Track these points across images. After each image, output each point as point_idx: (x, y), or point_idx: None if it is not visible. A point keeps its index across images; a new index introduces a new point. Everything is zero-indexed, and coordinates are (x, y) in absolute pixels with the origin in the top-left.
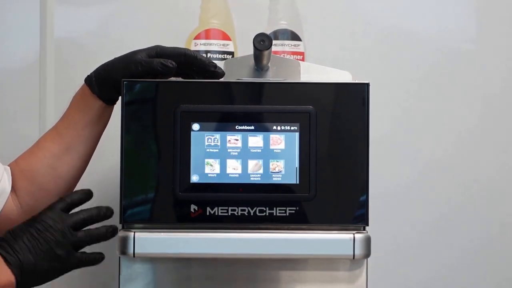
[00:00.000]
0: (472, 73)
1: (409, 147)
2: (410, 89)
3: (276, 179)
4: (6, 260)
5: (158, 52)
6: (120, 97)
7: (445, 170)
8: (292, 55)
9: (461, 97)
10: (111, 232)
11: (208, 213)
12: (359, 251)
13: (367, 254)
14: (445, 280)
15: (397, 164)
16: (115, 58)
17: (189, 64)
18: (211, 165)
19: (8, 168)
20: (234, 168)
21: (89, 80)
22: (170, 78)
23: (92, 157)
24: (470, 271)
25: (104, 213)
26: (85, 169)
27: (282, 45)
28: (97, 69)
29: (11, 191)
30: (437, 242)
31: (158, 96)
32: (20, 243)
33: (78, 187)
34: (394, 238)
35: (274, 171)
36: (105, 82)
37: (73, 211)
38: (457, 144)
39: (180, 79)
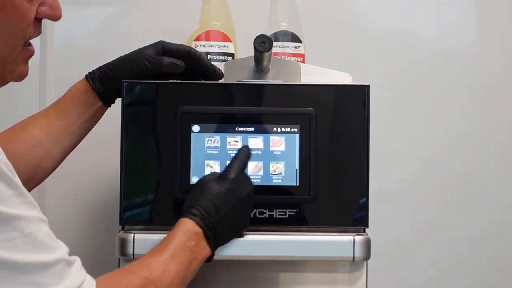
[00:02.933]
0: (471, 75)
1: (409, 148)
2: (410, 91)
3: (276, 181)
4: (206, 235)
5: (163, 47)
6: (118, 98)
7: (446, 171)
8: (292, 57)
9: (462, 99)
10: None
11: None
12: (359, 253)
13: (367, 256)
14: (445, 281)
15: (397, 166)
16: (121, 57)
17: (191, 62)
18: (211, 167)
19: None
20: None
21: (91, 76)
22: (169, 79)
23: (92, 158)
24: (471, 272)
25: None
26: (61, 161)
27: (282, 46)
28: (101, 67)
29: None
30: (437, 244)
31: (158, 97)
32: (222, 214)
33: (79, 188)
34: (394, 240)
35: (274, 173)
36: (110, 80)
37: None
38: (457, 145)
39: (179, 80)
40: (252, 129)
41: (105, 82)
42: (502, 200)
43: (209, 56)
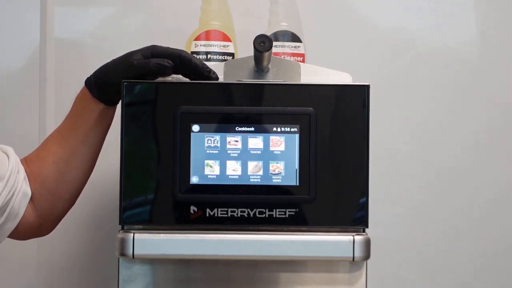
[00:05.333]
0: (473, 75)
1: (409, 149)
2: (410, 91)
3: (276, 180)
4: None
5: (153, 53)
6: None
7: (446, 172)
8: (292, 57)
9: (462, 100)
10: None
11: (207, 215)
12: (358, 253)
13: (367, 256)
14: (445, 282)
15: (397, 166)
16: (112, 60)
17: (184, 66)
18: (211, 167)
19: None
20: (234, 169)
21: (89, 83)
22: (171, 77)
23: None
24: (471, 274)
25: None
26: (92, 171)
27: (282, 46)
28: (96, 71)
29: None
30: (437, 244)
31: (158, 97)
32: None
33: None
34: (394, 240)
35: (274, 172)
36: (104, 85)
37: None
38: (457, 146)
39: (179, 76)
40: (252, 129)
41: (101, 87)
42: (504, 202)
43: (209, 56)
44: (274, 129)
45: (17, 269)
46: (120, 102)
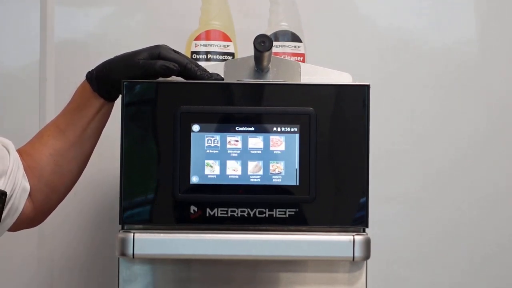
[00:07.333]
0: (473, 75)
1: (410, 150)
2: (410, 91)
3: (276, 180)
4: None
5: (161, 53)
6: (120, 95)
7: (446, 173)
8: (292, 57)
9: (463, 100)
10: None
11: (207, 214)
12: (358, 253)
13: (367, 256)
14: (445, 282)
15: (397, 166)
16: (116, 57)
17: (188, 75)
18: (211, 166)
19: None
20: (234, 169)
21: (90, 77)
22: (171, 77)
23: (92, 158)
24: (471, 273)
25: None
26: (86, 164)
27: (282, 46)
28: (98, 66)
29: None
30: (437, 245)
31: (158, 97)
32: None
33: (79, 188)
34: (395, 241)
35: (274, 172)
36: (106, 81)
37: None
38: (458, 147)
39: (180, 78)
40: (252, 128)
41: (103, 81)
42: (502, 200)
43: (209, 56)
44: (274, 129)
45: (17, 269)
46: (119, 98)
